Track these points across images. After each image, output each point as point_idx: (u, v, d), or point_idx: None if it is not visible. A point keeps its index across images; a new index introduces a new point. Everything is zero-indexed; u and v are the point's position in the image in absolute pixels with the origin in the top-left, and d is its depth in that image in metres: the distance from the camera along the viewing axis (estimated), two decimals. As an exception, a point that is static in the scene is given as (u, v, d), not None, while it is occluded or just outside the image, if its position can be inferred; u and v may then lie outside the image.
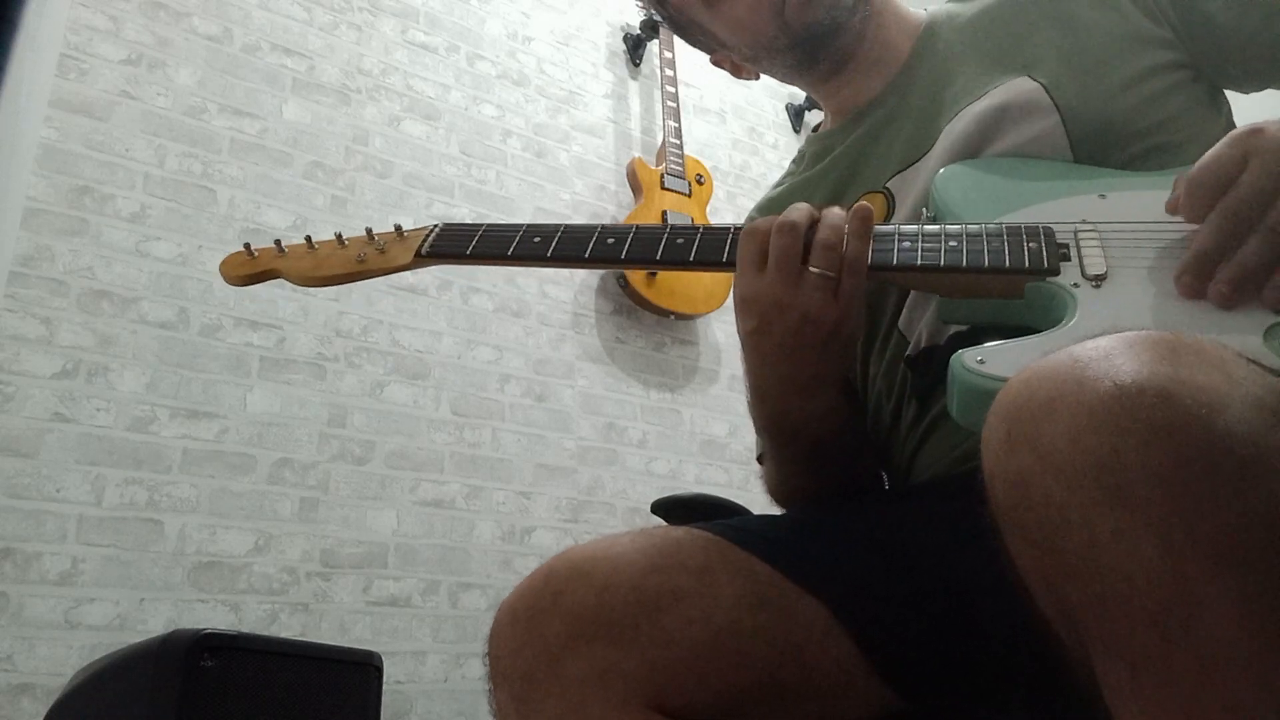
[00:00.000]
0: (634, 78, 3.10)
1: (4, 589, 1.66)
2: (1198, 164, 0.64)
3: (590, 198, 2.79)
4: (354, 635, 1.97)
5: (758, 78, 1.05)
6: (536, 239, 0.79)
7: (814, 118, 3.53)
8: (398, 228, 0.85)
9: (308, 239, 0.86)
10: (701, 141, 3.11)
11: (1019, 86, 0.85)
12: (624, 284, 2.64)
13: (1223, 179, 0.62)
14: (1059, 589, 0.43)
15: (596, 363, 2.61)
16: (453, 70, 2.64)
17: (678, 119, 2.88)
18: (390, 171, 2.41)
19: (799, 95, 3.50)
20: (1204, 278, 0.61)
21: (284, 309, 2.12)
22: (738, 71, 1.04)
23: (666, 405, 2.69)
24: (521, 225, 0.81)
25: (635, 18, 3.10)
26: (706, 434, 2.72)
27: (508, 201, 2.61)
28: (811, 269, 0.70)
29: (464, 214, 2.50)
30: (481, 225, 0.82)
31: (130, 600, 1.77)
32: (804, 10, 0.90)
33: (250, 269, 0.86)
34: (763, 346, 0.74)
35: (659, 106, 2.97)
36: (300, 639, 1.82)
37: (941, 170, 0.82)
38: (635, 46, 3.09)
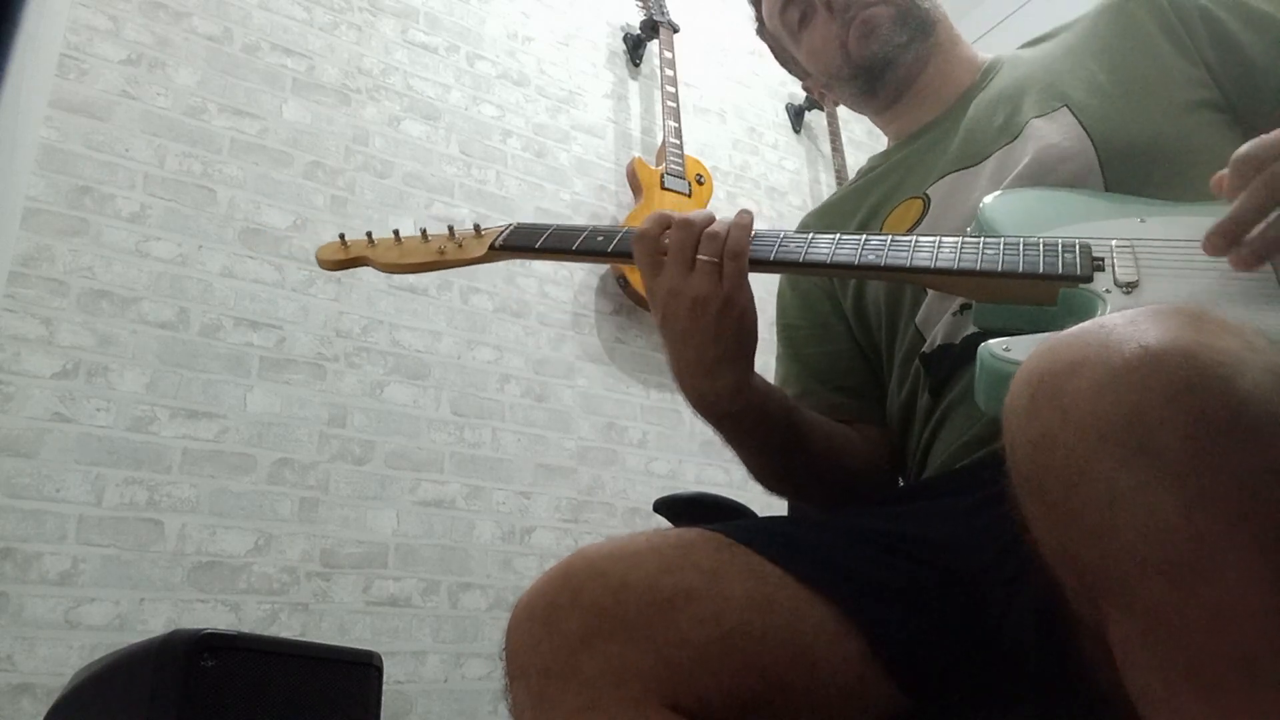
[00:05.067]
0: (634, 78, 3.10)
1: (4, 589, 1.66)
2: (1247, 144, 0.65)
3: (590, 198, 2.79)
4: (354, 635, 1.97)
5: (836, 104, 1.17)
6: (600, 238, 0.88)
7: (814, 118, 3.53)
8: (477, 226, 0.94)
9: (395, 233, 0.95)
10: (701, 141, 3.11)
11: (1056, 117, 0.90)
12: (624, 284, 2.64)
13: (1264, 157, 0.63)
14: (1075, 548, 0.44)
15: (596, 363, 2.61)
16: (453, 70, 2.64)
17: (678, 119, 2.88)
18: (390, 171, 2.41)
19: (799, 95, 3.49)
20: (1231, 240, 0.63)
21: (284, 309, 2.12)
22: (823, 99, 1.21)
23: (666, 405, 2.69)
24: (588, 227, 0.89)
25: (635, 18, 3.10)
26: (706, 434, 2.71)
27: (508, 201, 2.61)
28: (699, 256, 0.79)
29: (464, 214, 2.50)
30: (552, 225, 0.90)
31: (130, 600, 1.77)
32: (862, 44, 1.03)
33: (343, 255, 0.96)
34: (670, 334, 0.82)
35: (659, 106, 2.97)
36: (300, 639, 1.82)
37: (989, 197, 0.86)
38: (635, 46, 3.09)
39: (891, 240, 0.80)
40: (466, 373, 2.35)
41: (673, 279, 0.79)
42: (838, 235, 0.82)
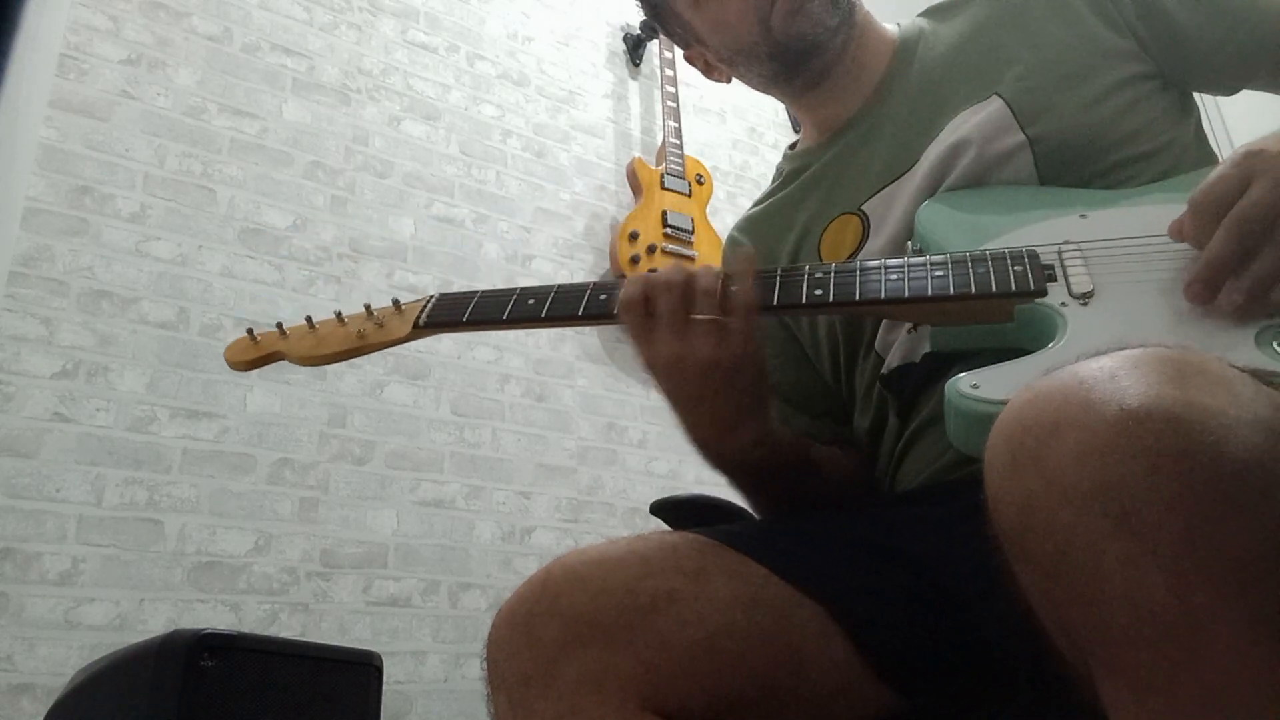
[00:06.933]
0: (634, 78, 3.10)
1: (4, 589, 1.66)
2: (1200, 187, 0.64)
3: (590, 198, 2.79)
4: (354, 635, 1.97)
5: (729, 81, 1.04)
6: (530, 301, 0.81)
7: (814, 118, 3.52)
8: (395, 302, 0.87)
9: (308, 319, 0.89)
10: (701, 141, 3.11)
11: (986, 108, 0.86)
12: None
13: (1227, 199, 0.62)
14: (1063, 612, 0.43)
15: (596, 363, 2.61)
16: (453, 70, 2.63)
17: (678, 119, 2.88)
18: (390, 171, 2.41)
19: (799, 95, 3.49)
20: (1214, 286, 0.62)
21: (283, 309, 2.12)
22: (709, 72, 1.04)
23: (666, 405, 2.68)
24: (515, 290, 0.83)
25: (635, 18, 3.10)
26: (706, 434, 2.72)
27: (508, 202, 2.60)
28: (696, 317, 0.73)
29: (464, 214, 2.50)
30: (477, 292, 0.84)
31: (130, 600, 1.77)
32: (789, 22, 0.90)
33: (254, 354, 0.89)
34: (679, 400, 0.77)
35: (659, 106, 2.97)
36: (300, 639, 1.82)
37: (924, 205, 0.83)
38: (635, 46, 3.09)
39: (836, 271, 0.76)
40: (466, 373, 2.35)
41: (672, 346, 0.73)
42: (777, 271, 0.77)
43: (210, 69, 2.21)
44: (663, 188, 2.77)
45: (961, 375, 0.62)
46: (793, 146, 1.07)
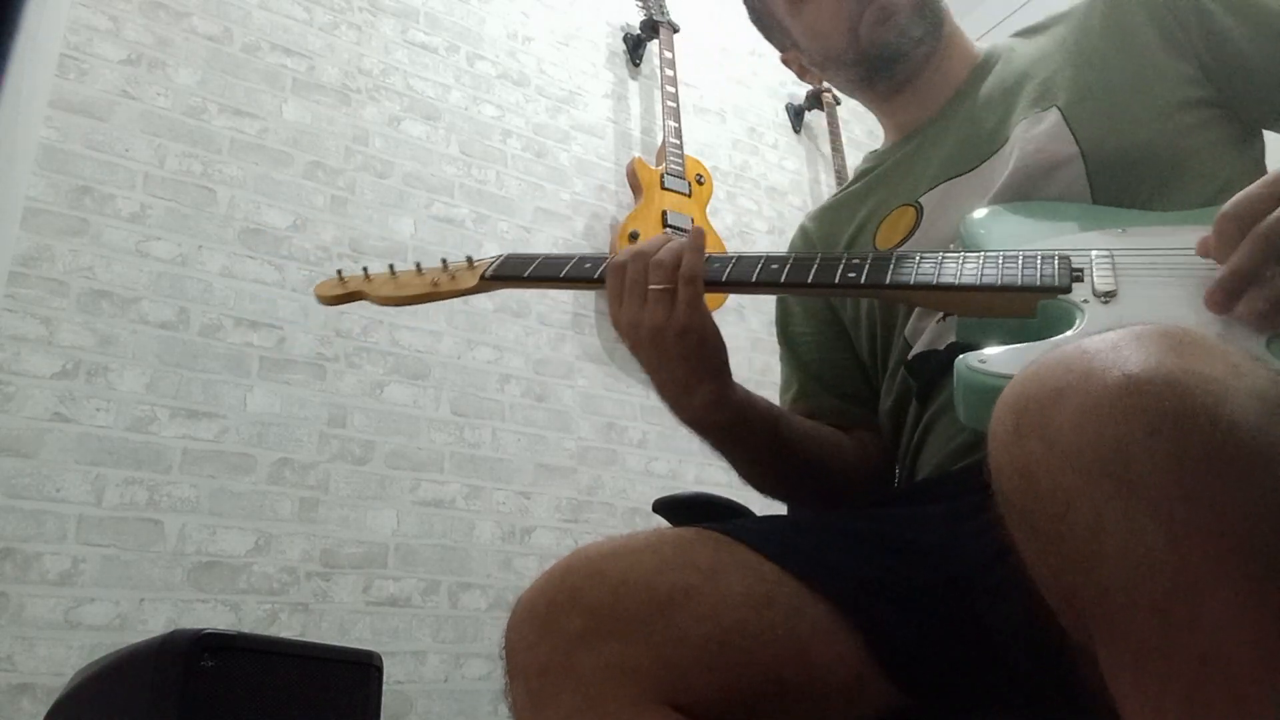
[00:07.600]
0: (634, 78, 3.10)
1: (4, 589, 1.66)
2: (1227, 204, 0.65)
3: (590, 198, 2.79)
4: (354, 635, 1.97)
5: (820, 84, 1.15)
6: (587, 264, 0.90)
7: (814, 118, 3.52)
8: (469, 259, 0.96)
9: (390, 267, 1.00)
10: (701, 141, 3.11)
11: (1046, 119, 0.90)
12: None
13: (1255, 214, 0.62)
14: (1064, 577, 0.44)
15: (596, 363, 2.61)
16: (453, 70, 2.64)
17: (678, 119, 2.88)
18: (390, 171, 2.41)
19: (799, 95, 3.49)
20: (1235, 296, 0.62)
21: (284, 309, 2.12)
22: (803, 74, 1.13)
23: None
24: (575, 255, 0.91)
25: (635, 18, 3.10)
26: (706, 434, 2.72)
27: (508, 202, 2.61)
28: (650, 286, 0.82)
29: (464, 214, 2.50)
30: (541, 254, 0.93)
31: (130, 600, 1.77)
32: (876, 30, 0.97)
33: (340, 291, 1.01)
34: (641, 360, 0.86)
35: (659, 106, 2.97)
36: (300, 639, 1.82)
37: (972, 214, 0.86)
38: (635, 46, 3.09)
39: (873, 257, 0.81)
40: (466, 373, 2.35)
41: (632, 313, 0.82)
42: (817, 254, 0.83)
43: (210, 69, 2.21)
44: (663, 188, 2.77)
45: (972, 352, 0.64)
46: (875, 152, 1.14)
